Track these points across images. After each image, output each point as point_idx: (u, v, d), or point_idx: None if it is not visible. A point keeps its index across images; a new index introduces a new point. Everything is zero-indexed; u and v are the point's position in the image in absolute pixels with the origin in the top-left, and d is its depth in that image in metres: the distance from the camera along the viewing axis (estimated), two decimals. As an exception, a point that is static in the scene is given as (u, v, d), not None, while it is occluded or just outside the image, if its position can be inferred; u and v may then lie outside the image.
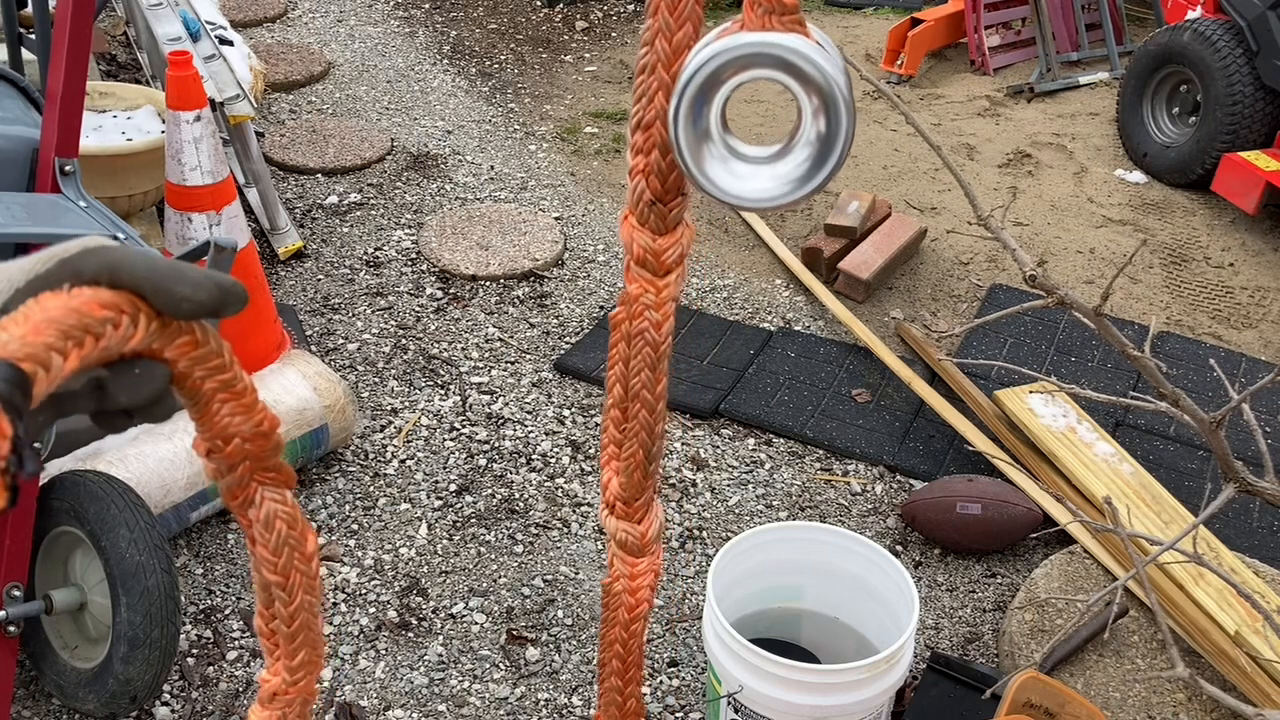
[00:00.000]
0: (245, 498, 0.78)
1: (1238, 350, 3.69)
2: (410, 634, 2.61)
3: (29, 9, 3.13)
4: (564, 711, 2.46)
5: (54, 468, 2.48)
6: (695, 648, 2.62)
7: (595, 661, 2.58)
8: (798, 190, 0.70)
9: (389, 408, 3.30)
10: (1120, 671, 2.40)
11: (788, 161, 0.69)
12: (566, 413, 3.32)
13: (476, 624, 2.65)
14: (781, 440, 3.26)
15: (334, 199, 4.38)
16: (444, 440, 3.20)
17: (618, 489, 0.99)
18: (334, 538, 2.86)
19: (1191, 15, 4.91)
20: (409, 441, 3.19)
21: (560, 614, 2.69)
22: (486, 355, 3.56)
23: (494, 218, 4.27)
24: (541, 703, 2.47)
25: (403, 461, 3.11)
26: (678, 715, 2.47)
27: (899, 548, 2.90)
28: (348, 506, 2.96)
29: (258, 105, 4.04)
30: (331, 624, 2.63)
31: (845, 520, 2.98)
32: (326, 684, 2.49)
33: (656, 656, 2.60)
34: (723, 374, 3.48)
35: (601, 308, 3.81)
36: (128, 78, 5.01)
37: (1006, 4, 5.74)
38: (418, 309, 3.76)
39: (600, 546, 2.88)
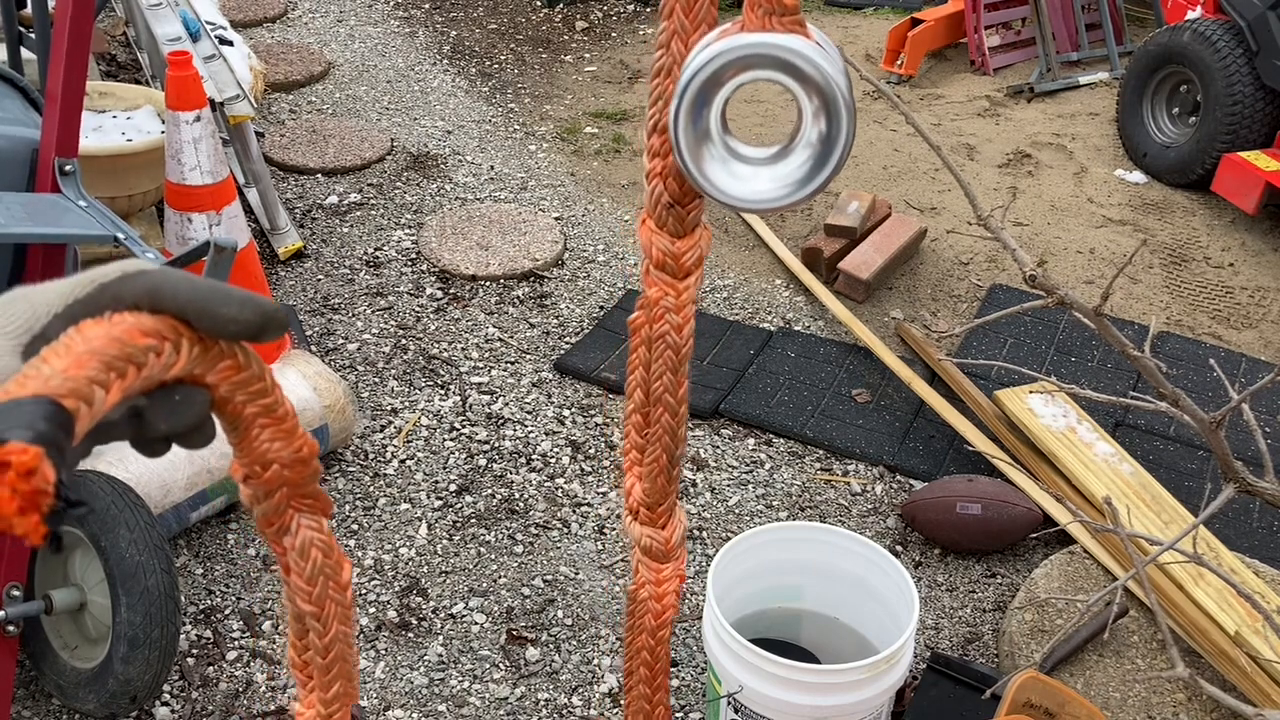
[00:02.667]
0: (281, 525, 0.76)
1: (1238, 350, 3.69)
2: (410, 634, 2.61)
3: (29, 9, 3.13)
4: (564, 711, 2.46)
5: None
6: (695, 648, 2.62)
7: (595, 662, 2.58)
8: (798, 192, 0.70)
9: (389, 408, 3.30)
10: (1120, 671, 2.40)
11: (788, 163, 0.69)
12: (566, 413, 3.32)
13: (476, 624, 2.65)
14: (781, 440, 3.25)
15: (334, 199, 4.37)
16: (444, 440, 3.20)
17: (641, 494, 0.98)
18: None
19: (1191, 15, 4.91)
20: (409, 441, 3.19)
21: (560, 614, 2.69)
22: (486, 355, 3.56)
23: (494, 218, 4.27)
24: (541, 703, 2.47)
25: (403, 461, 3.11)
26: (678, 715, 2.47)
27: (899, 548, 2.90)
28: (348, 506, 2.96)
29: (258, 105, 4.04)
30: (331, 624, 2.63)
31: (845, 520, 2.98)
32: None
33: (656, 656, 2.60)
34: (723, 374, 3.47)
35: (601, 308, 3.81)
36: (128, 78, 5.01)
37: (1006, 4, 5.74)
38: (418, 309, 3.76)
39: (600, 546, 2.88)
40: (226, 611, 2.65)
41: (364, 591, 2.72)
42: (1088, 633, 2.42)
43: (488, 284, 3.91)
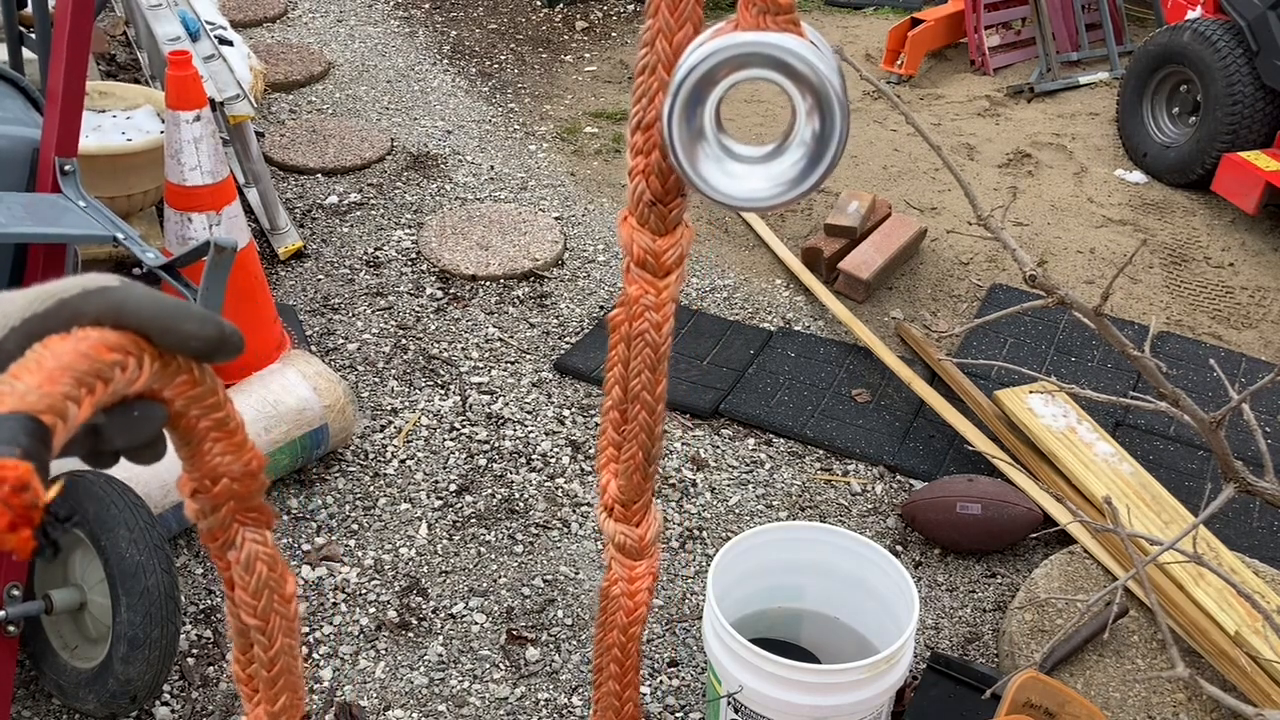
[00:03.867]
0: (226, 539, 0.76)
1: (1238, 350, 3.69)
2: (410, 634, 2.61)
3: (29, 9, 3.13)
4: (564, 711, 2.46)
5: (53, 467, 2.48)
6: (695, 648, 2.62)
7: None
8: (792, 190, 0.70)
9: (389, 408, 3.30)
10: (1120, 671, 2.40)
11: (782, 161, 0.69)
12: (566, 413, 3.32)
13: (476, 624, 2.65)
14: (781, 440, 3.26)
15: (334, 199, 4.38)
16: (444, 440, 3.20)
17: (616, 491, 0.99)
18: (334, 538, 2.86)
19: (1191, 15, 4.91)
20: (409, 441, 3.19)
21: (560, 614, 2.69)
22: (486, 355, 3.56)
23: (494, 218, 4.27)
24: (541, 703, 2.47)
25: (403, 461, 3.11)
26: (678, 715, 2.47)
27: (899, 548, 2.90)
28: (348, 506, 2.96)
29: (258, 105, 4.04)
30: (331, 624, 2.63)
31: (845, 520, 2.98)
32: (327, 684, 2.49)
33: (656, 656, 2.60)
34: (723, 374, 3.47)
35: (601, 308, 3.82)
36: (128, 78, 5.01)
37: (1006, 4, 5.74)
38: (418, 309, 3.76)
39: (600, 546, 2.88)
40: (226, 611, 2.65)
41: (364, 591, 2.72)
42: (1088, 633, 2.42)
43: (488, 284, 3.91)
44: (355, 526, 2.90)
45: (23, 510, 0.51)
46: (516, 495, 3.02)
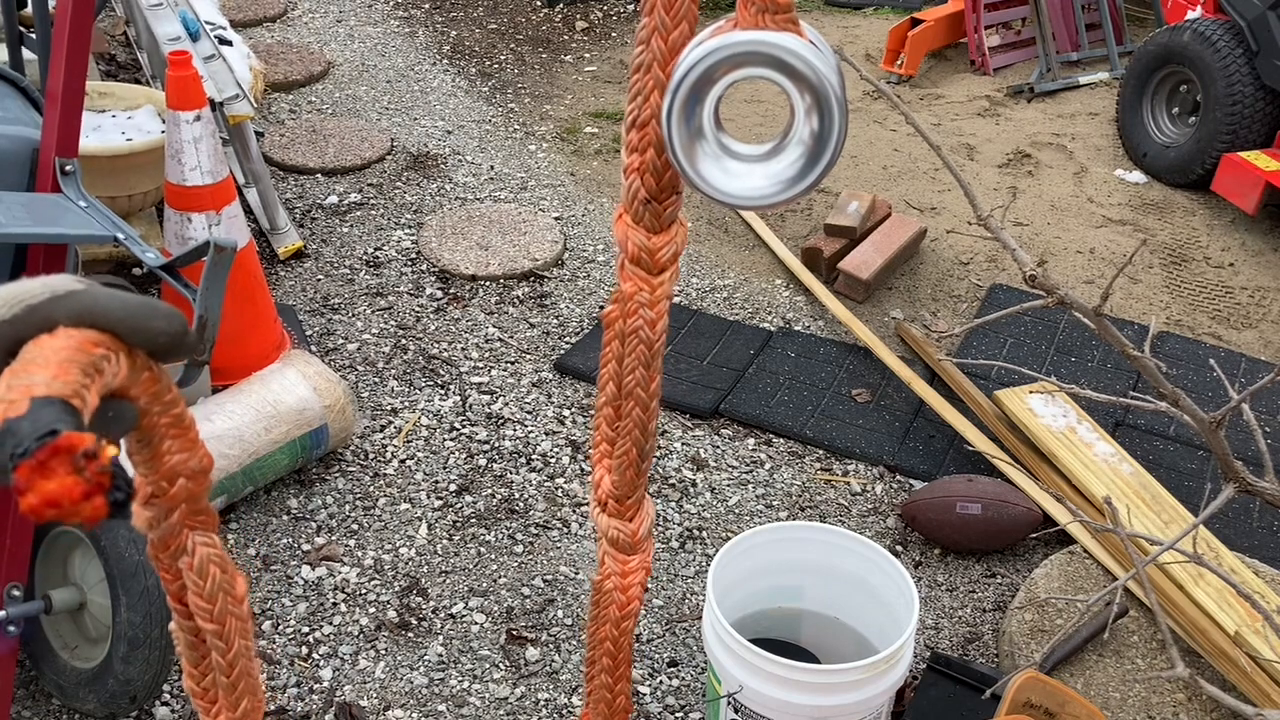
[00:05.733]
0: (177, 546, 0.76)
1: (1238, 350, 3.69)
2: (410, 634, 2.61)
3: (29, 9, 3.13)
4: (564, 711, 2.46)
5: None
6: (695, 648, 2.62)
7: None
8: (790, 189, 0.70)
9: (389, 408, 3.30)
10: (1120, 671, 2.40)
11: (781, 160, 0.70)
12: (566, 413, 3.32)
13: (476, 624, 2.65)
14: (781, 440, 3.25)
15: (334, 199, 4.38)
16: (444, 440, 3.20)
17: (610, 487, 0.99)
18: (334, 538, 2.86)
19: (1191, 15, 4.91)
20: (409, 441, 3.19)
21: (560, 614, 2.69)
22: (486, 355, 3.56)
23: (494, 218, 4.27)
24: (541, 703, 2.47)
25: (403, 461, 3.11)
26: (678, 715, 2.47)
27: (899, 548, 2.90)
28: (348, 506, 2.96)
29: (257, 105, 4.04)
30: (331, 624, 2.63)
31: (845, 520, 2.98)
32: (327, 684, 2.49)
33: (656, 656, 2.60)
34: (723, 374, 3.47)
35: (601, 307, 3.81)
36: (128, 78, 5.01)
37: (1006, 4, 5.74)
38: (418, 309, 3.76)
39: (600, 546, 2.88)
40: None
41: (364, 591, 2.72)
42: (1088, 633, 2.42)
43: (488, 284, 3.91)
44: (355, 526, 2.90)
45: (96, 476, 0.53)
46: (516, 495, 3.02)
